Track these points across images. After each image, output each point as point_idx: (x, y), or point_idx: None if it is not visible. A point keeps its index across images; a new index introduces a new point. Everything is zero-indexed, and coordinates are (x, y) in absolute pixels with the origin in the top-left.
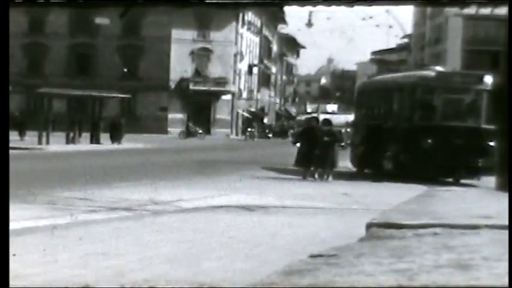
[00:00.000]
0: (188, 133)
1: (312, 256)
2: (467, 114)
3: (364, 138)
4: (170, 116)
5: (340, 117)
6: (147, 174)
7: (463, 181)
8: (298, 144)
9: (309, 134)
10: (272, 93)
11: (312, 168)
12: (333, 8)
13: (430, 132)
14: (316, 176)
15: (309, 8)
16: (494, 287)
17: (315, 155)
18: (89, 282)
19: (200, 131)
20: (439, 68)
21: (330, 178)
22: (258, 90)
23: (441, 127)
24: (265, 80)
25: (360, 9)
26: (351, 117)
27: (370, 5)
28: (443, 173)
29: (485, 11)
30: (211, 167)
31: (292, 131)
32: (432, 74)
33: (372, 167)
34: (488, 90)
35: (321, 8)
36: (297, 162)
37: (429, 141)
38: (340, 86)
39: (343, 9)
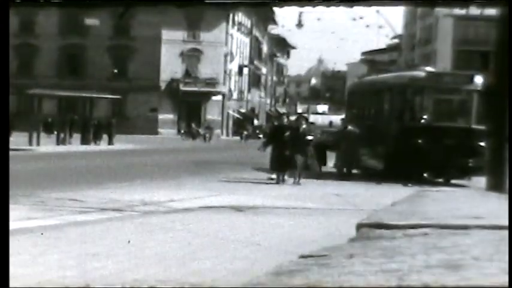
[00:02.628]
0: (191, 134)
1: (303, 256)
2: (458, 114)
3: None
4: (160, 116)
5: (329, 118)
6: (139, 175)
7: (453, 181)
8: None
9: (278, 133)
10: (262, 94)
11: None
12: (323, 8)
13: (421, 132)
14: (275, 179)
15: (299, 8)
16: (494, 287)
17: (285, 156)
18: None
19: (202, 132)
20: (429, 69)
21: (300, 180)
22: (249, 91)
23: (432, 127)
24: (255, 81)
25: (350, 10)
26: (335, 118)
27: (368, 6)
28: (434, 173)
29: (476, 11)
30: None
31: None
32: (422, 74)
33: (362, 168)
34: (478, 91)
35: (311, 9)
36: (270, 166)
37: (420, 141)
38: (331, 86)
39: (333, 9)
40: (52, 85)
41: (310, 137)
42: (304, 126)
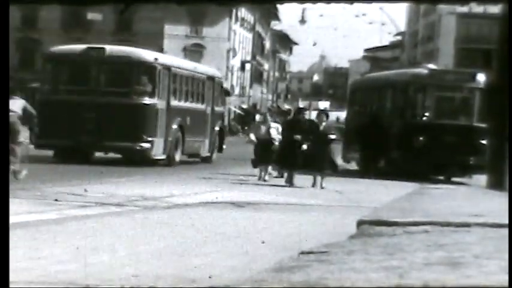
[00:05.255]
0: (230, 131)
1: (303, 253)
2: (460, 112)
3: (356, 136)
4: None
5: (336, 114)
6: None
7: (454, 179)
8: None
9: (295, 127)
10: (264, 90)
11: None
12: (326, 5)
13: (422, 130)
14: (265, 177)
15: (301, 4)
16: (494, 287)
17: (303, 154)
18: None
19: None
20: (431, 66)
21: (324, 184)
22: (251, 87)
23: (433, 125)
24: (257, 77)
25: (353, 7)
26: (341, 114)
27: (369, 3)
28: (435, 171)
29: (479, 9)
30: None
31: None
32: (425, 71)
33: (363, 164)
34: (480, 89)
35: (314, 5)
36: (279, 163)
37: (421, 138)
38: (333, 83)
39: (336, 6)
40: None
41: (332, 136)
42: (325, 123)
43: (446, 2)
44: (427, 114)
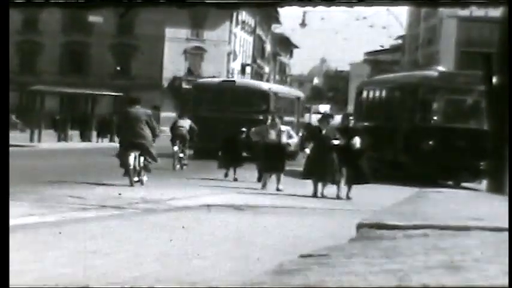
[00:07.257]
0: None
1: (303, 256)
2: (470, 115)
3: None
4: (163, 114)
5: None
6: None
7: (464, 184)
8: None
9: (316, 136)
10: None
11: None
12: (327, 8)
13: (432, 133)
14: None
15: (302, 8)
16: (494, 287)
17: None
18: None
19: None
20: (441, 68)
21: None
22: None
23: (443, 128)
24: (258, 80)
25: (354, 10)
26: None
27: (370, 5)
28: (445, 176)
29: (479, 12)
30: None
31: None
32: (435, 74)
33: (371, 169)
34: None
35: (315, 8)
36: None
37: (430, 142)
38: (333, 86)
39: (337, 9)
40: (55, 82)
41: (336, 142)
42: (328, 127)
43: (447, 6)
44: (436, 117)
